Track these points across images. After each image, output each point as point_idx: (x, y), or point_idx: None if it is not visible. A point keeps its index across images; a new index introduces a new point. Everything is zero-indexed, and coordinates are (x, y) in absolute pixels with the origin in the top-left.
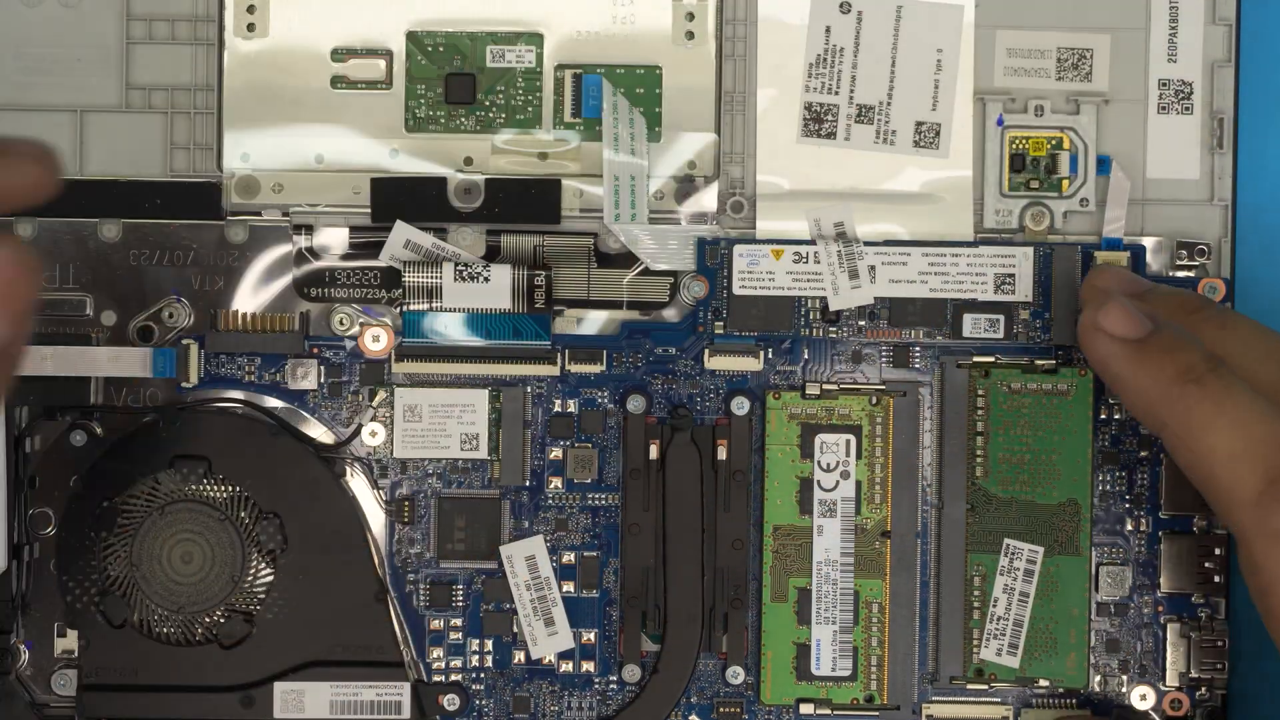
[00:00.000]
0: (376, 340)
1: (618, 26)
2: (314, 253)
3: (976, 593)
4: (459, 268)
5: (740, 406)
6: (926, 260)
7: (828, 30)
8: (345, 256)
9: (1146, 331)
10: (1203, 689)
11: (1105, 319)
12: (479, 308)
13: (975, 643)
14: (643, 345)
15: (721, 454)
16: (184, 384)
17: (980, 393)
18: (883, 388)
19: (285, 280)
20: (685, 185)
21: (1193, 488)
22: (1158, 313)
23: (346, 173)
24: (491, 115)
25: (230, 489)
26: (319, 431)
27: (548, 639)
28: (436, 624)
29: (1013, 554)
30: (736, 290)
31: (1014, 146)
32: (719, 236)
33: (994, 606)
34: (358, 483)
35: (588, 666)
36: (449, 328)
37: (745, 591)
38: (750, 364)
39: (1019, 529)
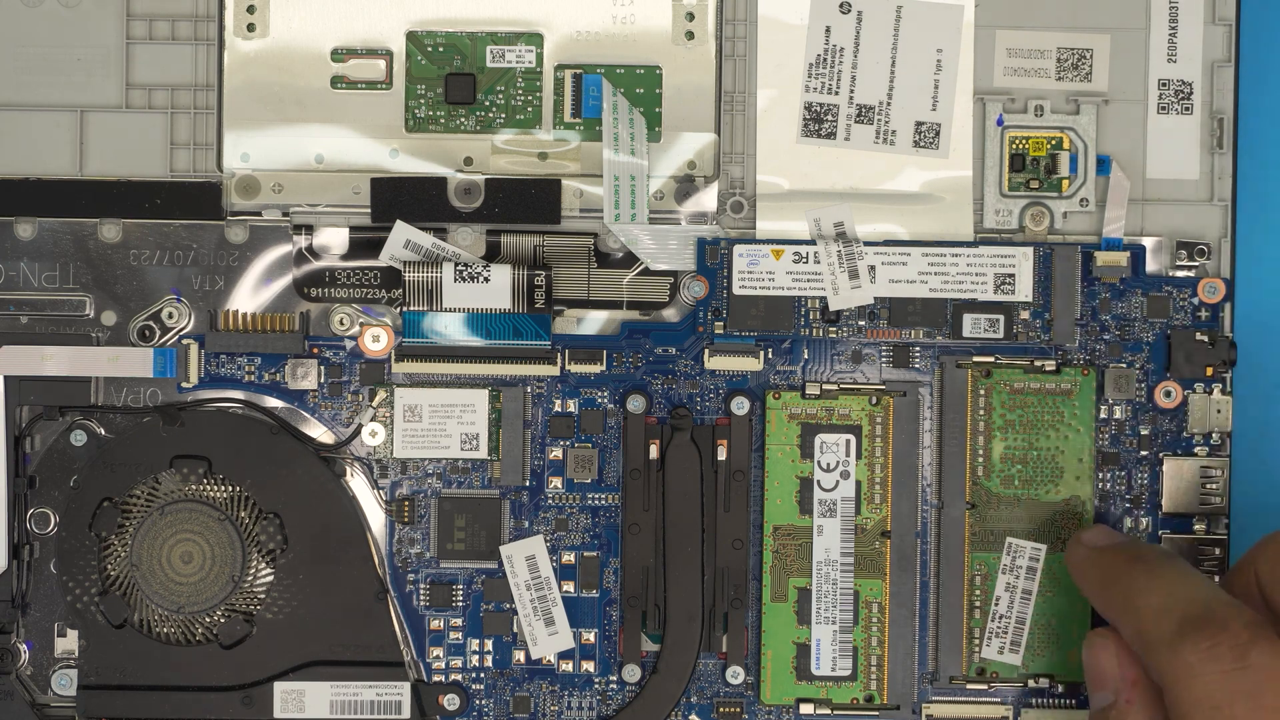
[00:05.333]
0: (376, 340)
1: (618, 26)
2: (314, 253)
3: (977, 592)
4: (459, 268)
5: (740, 406)
6: (926, 260)
7: (828, 30)
8: (345, 256)
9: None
10: None
11: (1086, 534)
12: (479, 308)
13: (975, 642)
14: (643, 345)
15: (721, 454)
16: (184, 384)
17: (980, 393)
18: (883, 388)
19: (285, 280)
20: (685, 185)
21: (1194, 489)
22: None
23: (346, 173)
24: (491, 115)
25: (230, 489)
26: (319, 431)
27: (548, 639)
28: (436, 624)
29: (1015, 552)
30: (736, 290)
31: (1014, 146)
32: (719, 236)
33: (996, 604)
34: (358, 483)
35: (588, 666)
36: (449, 328)
37: (745, 591)
38: (750, 364)
39: (1021, 527)
